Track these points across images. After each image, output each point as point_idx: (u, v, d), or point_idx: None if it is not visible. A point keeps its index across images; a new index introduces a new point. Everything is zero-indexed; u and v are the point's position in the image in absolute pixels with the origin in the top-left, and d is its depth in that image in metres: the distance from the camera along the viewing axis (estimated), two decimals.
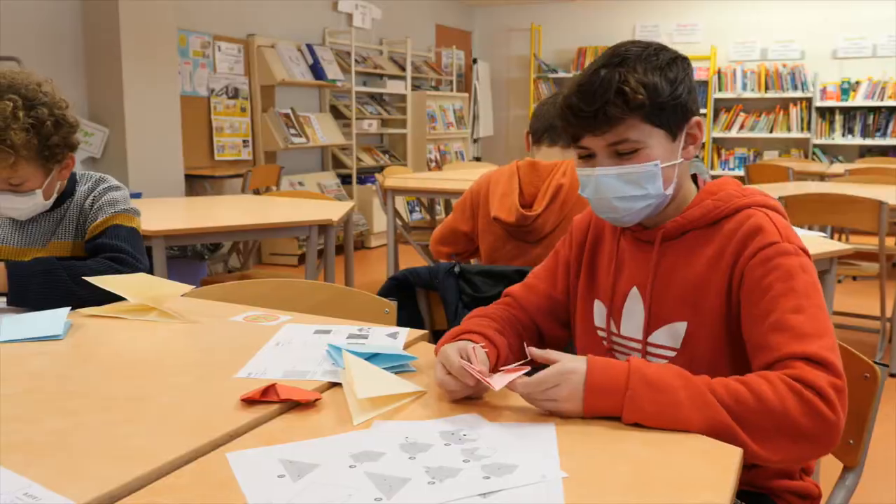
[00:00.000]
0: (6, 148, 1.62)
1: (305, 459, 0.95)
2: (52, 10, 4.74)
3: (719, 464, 0.94)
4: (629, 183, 1.22)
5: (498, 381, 1.11)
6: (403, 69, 8.13)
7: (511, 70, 9.86)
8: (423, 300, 2.06)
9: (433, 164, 8.46)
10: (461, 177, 5.38)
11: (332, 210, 3.44)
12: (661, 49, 1.24)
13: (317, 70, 6.85)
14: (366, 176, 7.55)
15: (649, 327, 1.29)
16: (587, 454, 0.96)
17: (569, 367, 1.08)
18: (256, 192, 5.76)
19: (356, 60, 7.38)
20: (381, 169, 7.76)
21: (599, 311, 1.38)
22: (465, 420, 1.08)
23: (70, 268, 1.67)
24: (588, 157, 1.26)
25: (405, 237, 4.98)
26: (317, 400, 1.14)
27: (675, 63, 1.23)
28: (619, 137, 1.21)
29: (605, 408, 1.05)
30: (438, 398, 1.17)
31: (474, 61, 9.45)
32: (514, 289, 1.47)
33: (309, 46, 6.87)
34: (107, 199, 1.85)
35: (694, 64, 1.33)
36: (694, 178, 1.33)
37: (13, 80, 1.68)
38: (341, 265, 3.45)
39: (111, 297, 1.65)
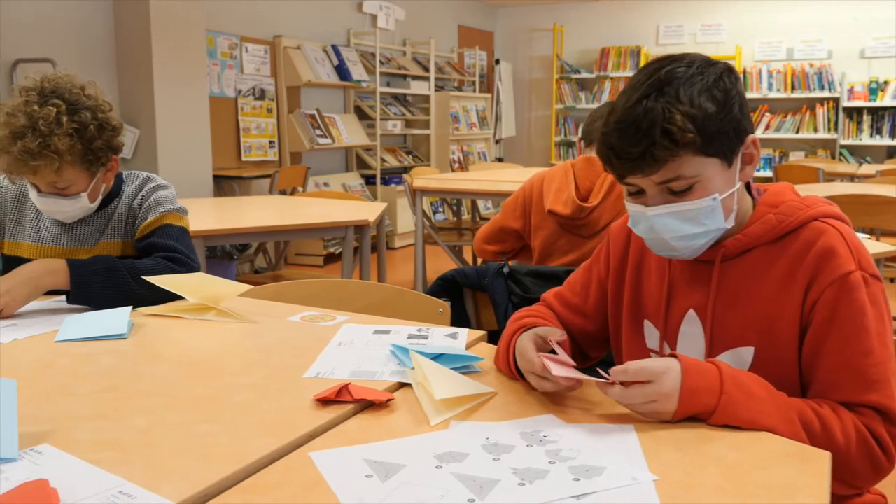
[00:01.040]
0: (51, 153, 1.62)
1: (390, 459, 0.95)
2: (84, 13, 4.78)
3: (811, 468, 0.93)
4: (687, 221, 1.13)
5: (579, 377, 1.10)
6: (427, 70, 8.14)
7: (533, 70, 9.84)
8: (470, 301, 2.06)
9: (456, 165, 8.46)
10: (489, 177, 5.37)
11: (368, 210, 3.44)
12: (704, 65, 1.12)
13: (342, 71, 6.87)
14: (389, 176, 7.56)
15: (711, 352, 1.22)
16: (673, 457, 0.96)
17: (662, 365, 1.05)
18: (283, 192, 5.78)
19: (380, 61, 7.39)
20: (404, 170, 7.77)
21: (651, 332, 1.30)
22: (542, 421, 1.08)
23: (129, 266, 1.68)
24: (637, 193, 1.17)
25: (433, 237, 4.98)
26: (389, 400, 1.14)
27: (721, 79, 1.11)
28: (670, 175, 1.11)
29: (698, 408, 1.03)
30: (509, 399, 1.17)
31: (497, 62, 9.44)
32: (550, 298, 1.42)
33: (334, 47, 6.89)
34: (155, 199, 1.86)
35: None
36: (747, 185, 1.25)
37: (57, 85, 1.69)
38: (367, 265, 3.44)
39: (167, 297, 1.66)
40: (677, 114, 1.07)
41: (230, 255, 5.04)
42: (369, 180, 7.42)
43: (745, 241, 1.19)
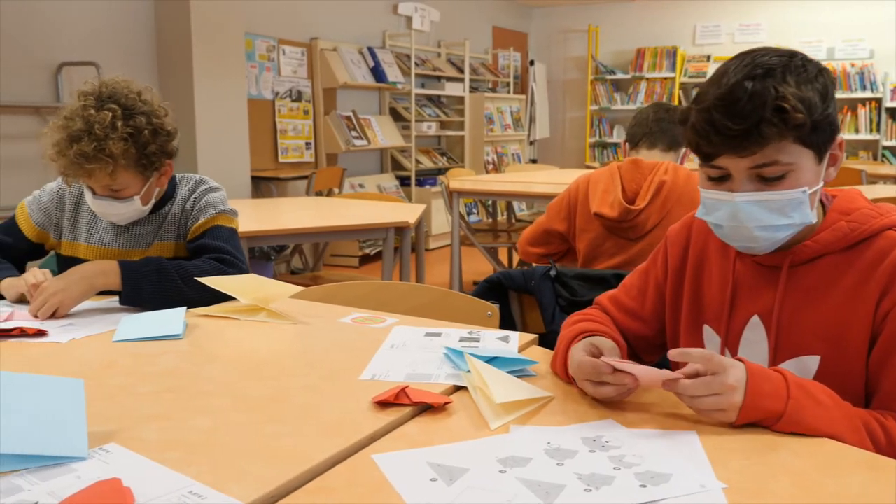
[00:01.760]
0: (105, 157, 1.65)
1: (453, 463, 0.95)
2: (126, 16, 4.86)
3: (882, 476, 0.91)
4: (774, 211, 1.10)
5: (644, 375, 1.09)
6: (461, 71, 8.14)
7: (568, 71, 9.80)
8: (516, 303, 2.05)
9: (490, 167, 8.45)
10: (524, 179, 5.36)
11: (407, 212, 3.45)
12: (805, 59, 1.10)
13: (377, 72, 6.89)
14: (424, 178, 7.57)
15: (775, 359, 1.19)
16: (740, 465, 0.94)
17: (727, 361, 1.03)
18: (319, 193, 5.82)
19: (415, 63, 7.41)
20: (439, 171, 7.78)
21: (710, 338, 1.29)
22: (603, 426, 1.07)
23: (179, 268, 1.70)
24: (720, 179, 1.14)
25: (470, 239, 4.98)
26: (447, 403, 1.14)
27: (821, 75, 1.10)
28: (767, 159, 1.08)
29: (763, 413, 1.01)
30: (567, 403, 1.16)
31: (531, 63, 9.42)
32: (604, 302, 1.41)
33: (370, 49, 6.92)
34: (207, 201, 1.88)
35: None
36: None
37: (114, 90, 1.72)
38: (407, 267, 3.45)
39: (217, 298, 1.68)
40: (789, 94, 1.05)
41: (268, 255, 5.09)
42: (404, 182, 7.44)
43: (816, 248, 1.16)
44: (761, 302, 1.21)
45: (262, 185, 5.72)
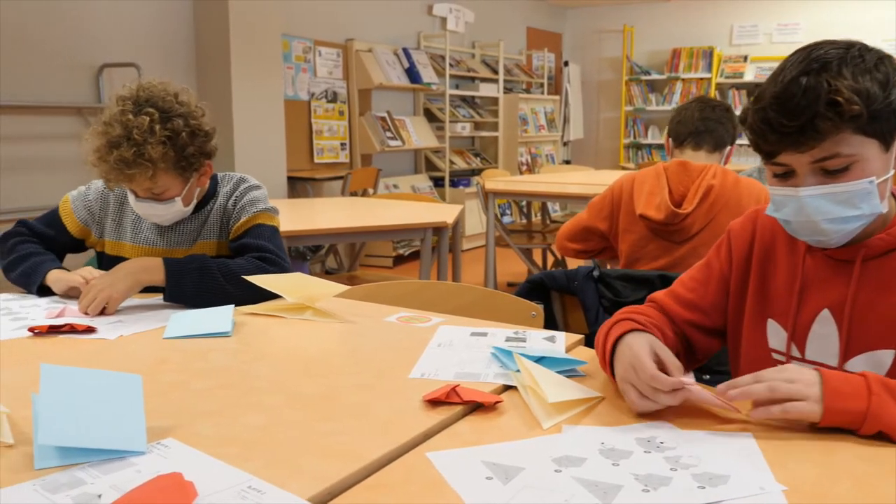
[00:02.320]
0: (145, 162, 1.67)
1: (508, 462, 0.94)
2: (166, 18, 4.92)
3: None
4: (840, 203, 1.09)
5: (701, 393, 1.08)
6: (495, 72, 8.14)
7: (602, 72, 9.75)
8: (558, 304, 2.05)
9: (524, 167, 8.43)
10: (560, 179, 5.34)
11: (446, 213, 3.45)
12: (863, 49, 1.09)
13: (412, 73, 6.91)
14: (458, 179, 7.58)
15: (846, 354, 1.17)
16: (800, 467, 0.93)
17: (797, 366, 1.02)
18: (353, 194, 5.84)
19: (450, 64, 7.42)
20: (472, 172, 7.78)
21: (775, 332, 1.26)
22: (656, 427, 1.06)
23: (222, 266, 1.72)
24: (785, 176, 1.13)
25: (505, 240, 4.97)
26: (498, 402, 1.14)
27: (882, 63, 1.08)
28: (827, 153, 1.07)
29: (846, 415, 0.99)
30: (617, 403, 1.15)
31: (565, 63, 9.38)
32: (659, 297, 1.38)
33: (405, 50, 6.94)
34: (248, 199, 1.90)
35: None
36: None
37: (151, 94, 1.73)
38: (445, 267, 3.46)
39: (261, 296, 1.69)
40: (843, 87, 1.04)
41: (304, 255, 5.12)
42: (437, 182, 7.45)
43: (890, 241, 1.14)
44: (832, 295, 1.19)
45: (298, 186, 5.76)
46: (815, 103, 1.05)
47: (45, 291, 1.78)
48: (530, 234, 5.69)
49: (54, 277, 1.76)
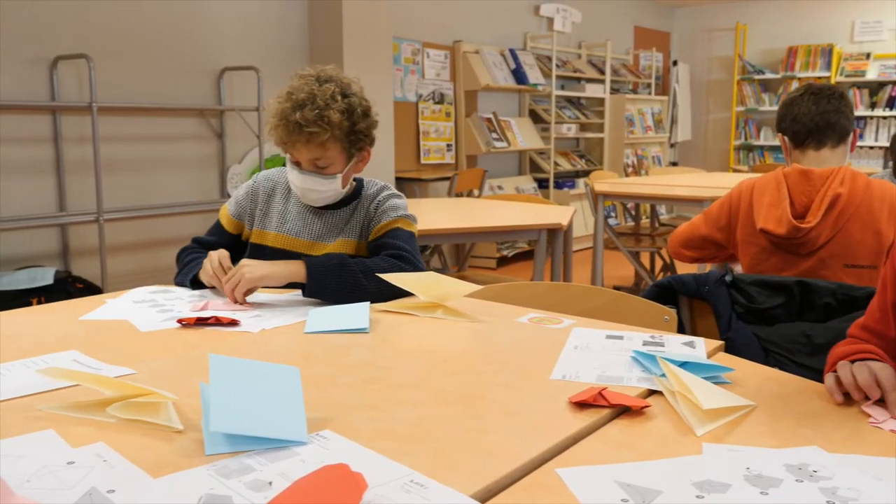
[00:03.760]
0: (324, 125, 1.78)
1: (645, 484, 0.90)
2: (282, 21, 5.08)
3: None
4: None
5: None
6: (602, 72, 8.03)
7: (712, 72, 9.48)
8: (686, 309, 1.99)
9: (629, 169, 8.29)
10: (669, 182, 5.22)
11: (559, 214, 3.43)
12: None
13: (518, 74, 6.90)
14: (562, 180, 7.51)
15: None
16: None
17: None
18: (459, 195, 5.87)
19: (556, 64, 7.36)
20: (576, 174, 7.70)
21: None
22: (807, 453, 0.99)
23: (360, 263, 1.76)
24: None
25: (613, 242, 4.89)
26: (645, 407, 1.12)
27: None
28: None
29: None
30: (763, 415, 1.11)
31: (674, 63, 9.17)
32: (856, 331, 1.32)
33: (511, 51, 6.93)
34: (390, 204, 1.96)
35: None
36: None
37: (330, 75, 1.88)
38: (558, 268, 3.43)
39: (395, 294, 1.72)
40: None
41: None
42: (541, 184, 7.41)
43: None
44: None
45: (406, 186, 5.84)
46: None
47: (197, 285, 1.89)
48: (638, 237, 5.59)
49: (202, 269, 1.86)
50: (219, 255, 1.81)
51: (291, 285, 1.78)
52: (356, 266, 1.75)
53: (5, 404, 1.10)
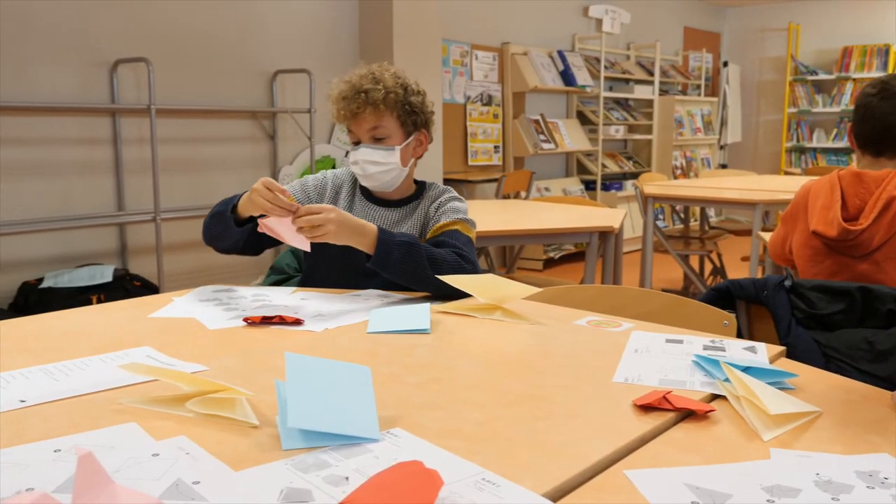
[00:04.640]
0: (378, 87, 1.87)
1: (714, 487, 0.91)
2: (333, 24, 5.14)
3: None
4: None
5: None
6: (651, 74, 7.96)
7: (764, 72, 9.33)
8: (743, 313, 1.98)
9: (678, 171, 8.21)
10: (720, 184, 5.16)
11: (609, 217, 3.42)
12: None
13: (566, 76, 6.88)
14: (609, 182, 7.47)
15: None
16: None
17: None
18: (506, 196, 5.88)
19: (604, 66, 7.33)
20: (624, 175, 7.65)
21: None
22: (877, 460, 0.99)
23: (427, 249, 1.80)
24: None
25: (663, 245, 4.86)
26: (710, 412, 1.12)
27: None
28: None
29: None
30: (829, 421, 1.11)
31: (724, 64, 9.05)
32: None
33: (560, 53, 6.92)
34: (451, 207, 1.99)
35: None
36: None
37: (383, 67, 1.99)
38: (609, 271, 3.43)
39: (452, 290, 1.73)
40: None
41: None
42: (588, 186, 7.38)
43: None
44: None
45: (453, 188, 5.85)
46: None
47: (241, 223, 1.89)
48: (687, 240, 5.54)
49: (244, 198, 1.84)
50: (264, 182, 1.71)
51: (348, 276, 1.84)
52: (423, 251, 1.78)
53: (88, 398, 1.15)
